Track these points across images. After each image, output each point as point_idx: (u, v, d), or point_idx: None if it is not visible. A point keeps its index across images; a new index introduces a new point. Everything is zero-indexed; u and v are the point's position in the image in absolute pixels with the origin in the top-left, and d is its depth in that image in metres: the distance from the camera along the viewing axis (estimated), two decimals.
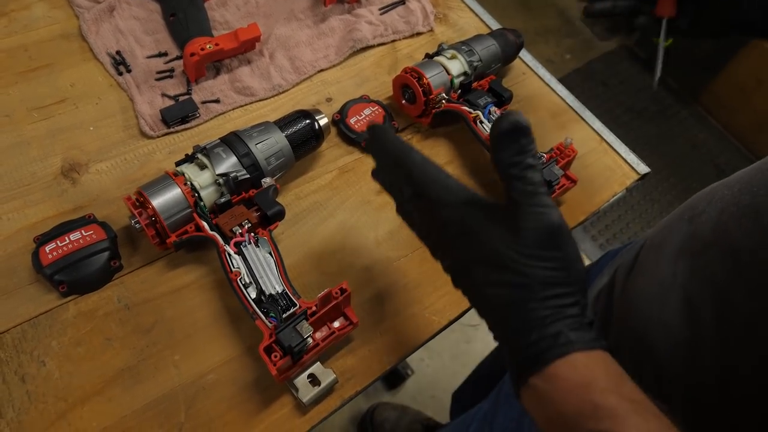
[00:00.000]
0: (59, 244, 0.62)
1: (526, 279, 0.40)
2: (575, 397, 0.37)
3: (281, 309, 0.57)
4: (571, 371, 0.38)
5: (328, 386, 0.58)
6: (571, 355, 0.38)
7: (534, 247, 0.41)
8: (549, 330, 0.39)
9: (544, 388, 0.39)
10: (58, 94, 0.76)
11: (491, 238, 0.42)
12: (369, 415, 1.48)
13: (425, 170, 0.47)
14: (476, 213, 0.44)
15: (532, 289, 0.40)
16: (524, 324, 0.40)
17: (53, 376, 0.57)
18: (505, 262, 0.41)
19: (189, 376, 0.59)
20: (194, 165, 0.65)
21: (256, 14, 0.90)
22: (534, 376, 0.39)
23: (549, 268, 0.41)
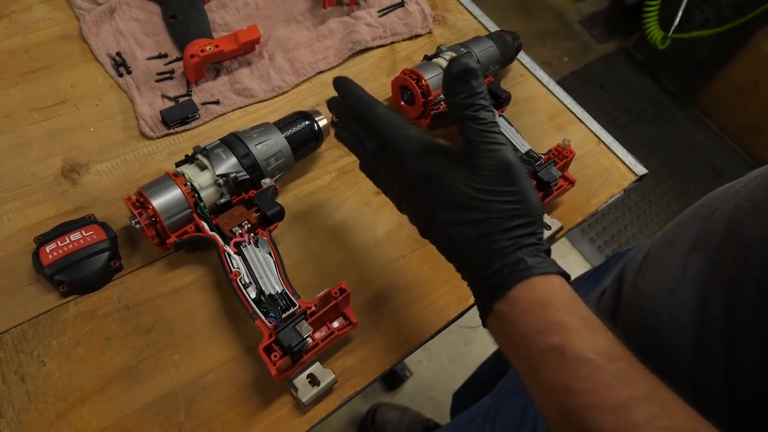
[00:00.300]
0: (59, 245, 0.62)
1: (487, 214, 0.43)
2: (533, 316, 0.40)
3: (281, 309, 0.58)
4: (530, 293, 0.41)
5: (327, 386, 0.58)
6: (530, 279, 0.42)
7: (491, 183, 0.44)
8: (510, 258, 0.42)
9: (506, 311, 0.42)
10: (58, 95, 0.77)
11: (452, 180, 0.45)
12: (371, 416, 1.48)
13: (389, 122, 0.49)
14: (437, 158, 0.47)
15: (492, 222, 0.43)
16: (487, 255, 0.43)
17: (53, 375, 0.57)
18: (466, 201, 0.44)
19: (188, 376, 0.59)
20: (194, 166, 0.65)
21: (255, 16, 0.90)
22: (498, 302, 0.42)
23: (507, 201, 0.44)
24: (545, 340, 0.39)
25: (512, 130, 0.76)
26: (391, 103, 0.85)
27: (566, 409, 0.38)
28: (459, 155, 0.46)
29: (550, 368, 0.39)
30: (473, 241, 0.44)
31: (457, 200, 0.45)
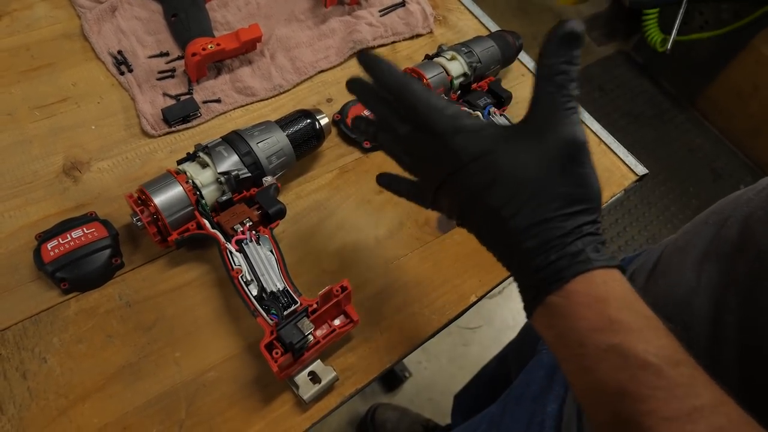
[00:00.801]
0: (61, 242, 0.62)
1: (549, 197, 0.39)
2: (591, 312, 0.37)
3: (282, 306, 0.58)
4: (588, 287, 0.38)
5: (328, 384, 0.58)
6: (590, 273, 0.38)
7: (559, 162, 0.40)
8: (569, 249, 0.38)
9: (561, 305, 0.38)
10: (60, 93, 0.77)
11: (511, 156, 0.41)
12: (370, 416, 1.48)
13: (428, 100, 0.44)
14: (490, 133, 0.42)
15: (554, 207, 0.39)
16: (544, 244, 0.39)
17: (54, 372, 0.57)
18: (527, 180, 0.40)
19: (190, 373, 0.59)
20: (196, 163, 0.65)
21: (257, 15, 0.90)
22: (552, 294, 0.39)
23: (572, 184, 0.40)
24: (603, 338, 0.36)
25: None
26: None
27: (621, 414, 0.35)
28: (520, 129, 0.41)
29: (606, 369, 0.36)
30: (530, 227, 0.39)
31: (516, 179, 0.40)
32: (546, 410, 0.65)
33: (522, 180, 0.40)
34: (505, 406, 0.74)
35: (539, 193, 0.40)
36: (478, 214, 0.43)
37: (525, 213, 0.40)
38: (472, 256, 0.72)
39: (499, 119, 0.77)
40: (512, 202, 0.40)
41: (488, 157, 0.41)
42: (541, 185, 0.40)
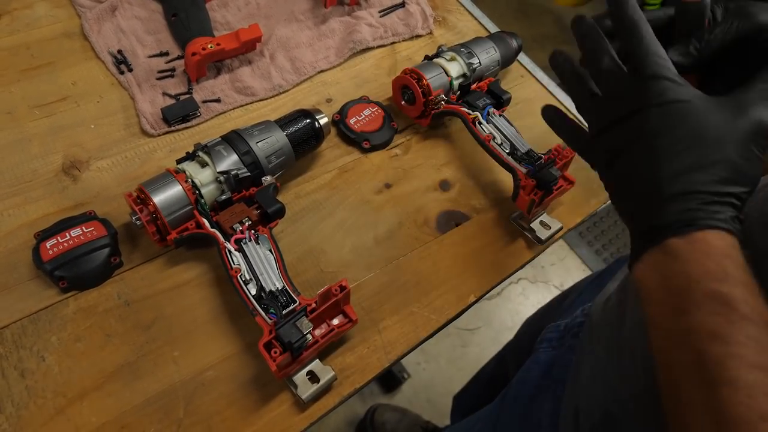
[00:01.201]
0: (60, 240, 0.62)
1: (718, 157, 0.40)
2: (710, 261, 0.38)
3: (281, 305, 0.58)
4: (718, 241, 0.39)
5: (326, 383, 0.58)
6: (723, 232, 0.39)
7: (744, 135, 0.41)
8: (711, 206, 0.39)
9: (682, 249, 0.39)
10: (59, 92, 0.77)
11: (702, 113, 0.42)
12: (369, 416, 1.47)
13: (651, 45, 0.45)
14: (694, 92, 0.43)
15: (717, 169, 0.40)
16: (689, 193, 0.40)
17: (53, 371, 0.57)
18: (708, 135, 0.41)
19: (188, 372, 0.59)
20: (195, 163, 0.65)
21: (257, 15, 0.90)
22: (676, 237, 0.39)
23: (742, 158, 0.41)
24: (713, 285, 0.37)
25: (512, 130, 0.77)
26: (391, 102, 0.85)
27: (706, 354, 0.35)
28: (722, 98, 0.43)
29: (706, 312, 0.36)
30: (683, 174, 0.40)
31: (695, 131, 0.41)
32: (543, 408, 0.65)
33: (699, 136, 0.41)
34: (501, 405, 0.74)
35: (711, 150, 0.41)
36: (635, 155, 0.44)
37: (686, 160, 0.41)
38: (471, 256, 0.72)
39: (498, 119, 0.77)
40: (678, 151, 0.41)
41: (678, 107, 0.42)
42: (719, 146, 0.41)
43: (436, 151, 0.81)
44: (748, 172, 0.41)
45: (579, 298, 0.82)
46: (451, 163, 0.80)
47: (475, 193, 0.78)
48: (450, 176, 0.79)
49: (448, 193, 0.77)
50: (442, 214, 0.75)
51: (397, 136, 0.82)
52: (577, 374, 0.63)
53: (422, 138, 0.82)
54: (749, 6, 0.47)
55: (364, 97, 0.84)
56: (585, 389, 0.60)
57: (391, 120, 0.82)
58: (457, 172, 0.80)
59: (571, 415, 0.60)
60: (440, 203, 0.76)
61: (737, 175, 0.40)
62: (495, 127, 0.76)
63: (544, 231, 0.73)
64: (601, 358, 0.59)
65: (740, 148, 0.41)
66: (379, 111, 0.82)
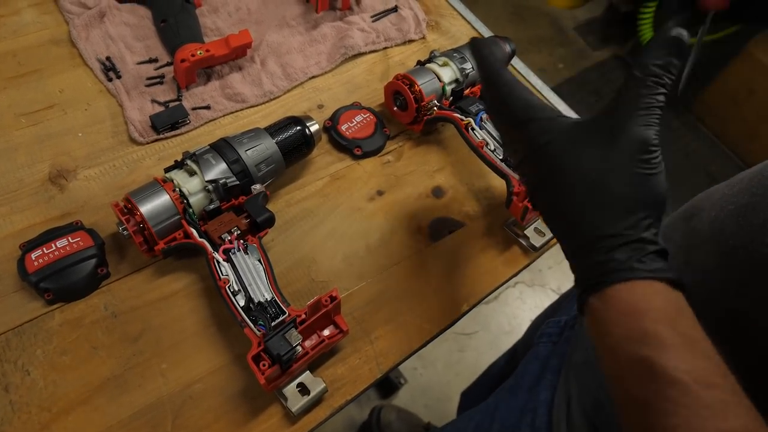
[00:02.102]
0: (45, 251, 0.61)
1: (605, 195, 0.39)
2: (626, 320, 0.37)
3: (270, 317, 0.57)
4: (628, 295, 0.38)
5: (317, 395, 0.57)
6: (632, 282, 0.38)
7: (627, 160, 0.39)
8: (616, 254, 0.38)
9: (600, 309, 0.39)
10: (46, 99, 0.76)
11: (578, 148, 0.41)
12: (375, 416, 1.47)
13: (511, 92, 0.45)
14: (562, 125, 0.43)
15: (609, 207, 0.39)
16: (593, 243, 0.39)
17: (38, 385, 0.56)
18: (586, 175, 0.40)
19: (176, 385, 0.58)
20: (183, 171, 0.64)
21: (247, 21, 0.90)
22: (593, 296, 0.39)
23: (634, 185, 0.39)
24: (635, 349, 0.36)
25: None
26: (383, 108, 0.84)
27: (646, 425, 0.35)
28: (594, 120, 0.42)
29: (634, 379, 0.36)
30: (582, 225, 0.40)
31: (576, 173, 0.40)
32: (539, 398, 0.66)
33: (582, 174, 0.40)
34: (499, 397, 0.74)
35: (598, 189, 0.40)
36: (540, 200, 0.45)
37: (579, 209, 0.40)
38: (464, 264, 0.71)
39: (491, 125, 0.77)
40: (568, 195, 0.41)
41: (552, 147, 0.42)
42: (602, 182, 0.39)
43: (429, 157, 0.81)
44: (646, 196, 0.39)
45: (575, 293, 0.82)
46: (444, 170, 0.79)
47: (469, 200, 0.77)
48: (443, 183, 0.78)
49: (441, 199, 0.76)
50: (435, 222, 0.74)
51: (389, 142, 0.81)
52: (570, 363, 0.63)
53: (415, 144, 0.82)
54: None
55: (356, 103, 0.83)
56: (577, 377, 0.60)
57: (384, 126, 0.81)
58: (451, 179, 0.79)
59: (564, 403, 0.61)
60: (433, 210, 0.75)
61: (633, 204, 0.39)
62: (488, 133, 0.76)
63: (539, 238, 0.72)
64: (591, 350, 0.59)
65: (626, 174, 0.39)
66: (371, 117, 0.81)
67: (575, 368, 0.61)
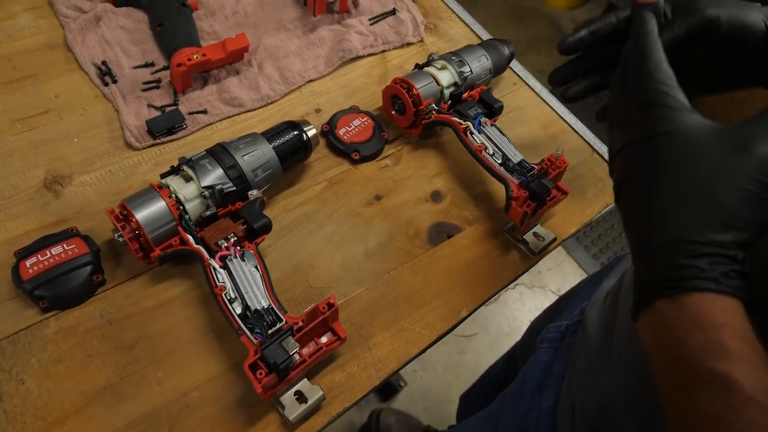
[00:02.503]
0: (40, 259, 0.60)
1: (710, 201, 0.37)
2: (702, 333, 0.35)
3: (267, 325, 0.56)
4: (706, 307, 0.35)
5: (315, 403, 0.57)
6: (711, 294, 0.35)
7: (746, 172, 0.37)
8: (700, 262, 0.36)
9: (671, 315, 0.36)
10: (42, 104, 0.75)
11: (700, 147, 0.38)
12: (374, 419, 1.47)
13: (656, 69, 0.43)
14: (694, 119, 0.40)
15: (709, 214, 0.37)
16: (679, 245, 0.37)
17: (32, 394, 0.55)
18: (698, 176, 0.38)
19: (172, 393, 0.57)
20: (179, 177, 0.64)
21: (244, 24, 0.89)
22: (663, 300, 0.37)
23: (742, 201, 0.37)
24: (709, 362, 0.34)
25: (504, 140, 0.75)
26: (381, 112, 0.84)
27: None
28: (720, 130, 0.39)
29: (705, 393, 0.34)
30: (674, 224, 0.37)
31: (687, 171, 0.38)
32: (542, 406, 0.65)
33: (693, 173, 0.38)
34: (501, 404, 0.74)
35: (704, 192, 0.37)
36: (631, 192, 0.41)
37: (673, 209, 0.38)
38: (463, 269, 0.70)
39: (490, 129, 0.76)
40: (670, 189, 0.38)
41: (673, 137, 0.39)
42: (711, 187, 0.37)
43: (428, 161, 0.80)
44: (749, 216, 0.37)
45: (578, 297, 0.81)
46: (442, 174, 0.79)
47: (467, 205, 0.76)
48: (441, 187, 0.77)
49: (439, 204, 0.76)
50: (434, 226, 0.73)
51: (387, 146, 0.80)
52: (573, 370, 0.62)
53: (413, 148, 0.81)
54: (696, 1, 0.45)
55: (354, 107, 0.83)
56: (580, 385, 0.60)
57: (382, 130, 0.81)
58: (449, 183, 0.78)
59: (567, 411, 0.60)
60: (431, 215, 0.75)
61: (734, 220, 0.37)
62: (487, 137, 0.75)
63: (538, 243, 0.72)
64: (593, 357, 0.58)
65: (739, 188, 0.37)
66: (369, 121, 0.80)
67: (578, 375, 0.60)
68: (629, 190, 0.42)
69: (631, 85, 0.43)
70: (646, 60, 0.43)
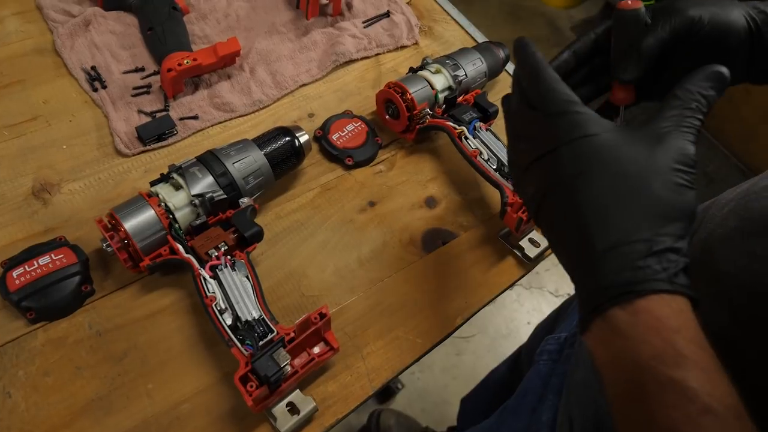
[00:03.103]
0: (27, 269, 0.59)
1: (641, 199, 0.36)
2: (658, 338, 0.33)
3: (258, 336, 0.55)
4: (662, 310, 0.34)
5: (307, 415, 0.56)
6: (667, 295, 0.34)
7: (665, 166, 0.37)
8: (650, 262, 0.35)
9: (625, 322, 0.34)
10: (30, 111, 0.74)
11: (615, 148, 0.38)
12: (374, 420, 1.46)
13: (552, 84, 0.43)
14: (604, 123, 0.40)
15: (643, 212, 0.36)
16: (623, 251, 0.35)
17: (19, 408, 0.54)
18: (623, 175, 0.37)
19: (162, 405, 0.56)
20: (169, 185, 0.63)
21: (236, 28, 0.88)
22: (617, 307, 0.35)
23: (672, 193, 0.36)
24: (666, 370, 0.32)
25: (500, 145, 0.74)
26: (375, 116, 0.83)
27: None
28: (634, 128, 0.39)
29: (661, 404, 0.32)
30: (611, 228, 0.36)
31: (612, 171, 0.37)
32: (541, 419, 0.64)
33: (622, 172, 0.37)
34: (501, 417, 0.73)
35: (637, 189, 0.37)
36: (557, 202, 0.40)
37: (610, 210, 0.37)
38: (458, 276, 0.69)
39: (485, 134, 0.75)
40: (599, 194, 0.37)
41: (589, 141, 0.39)
42: (642, 183, 0.37)
43: (422, 166, 0.79)
44: (682, 205, 0.37)
45: (575, 308, 0.81)
46: (437, 179, 0.78)
47: (462, 210, 0.75)
48: (436, 193, 0.76)
49: (434, 210, 0.75)
50: (428, 233, 0.73)
51: (381, 151, 0.79)
52: (571, 384, 0.62)
53: (407, 153, 0.80)
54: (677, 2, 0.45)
55: (348, 111, 0.82)
56: (577, 398, 0.59)
57: (375, 135, 0.80)
58: (444, 188, 0.77)
59: (566, 425, 0.59)
60: (426, 221, 0.74)
61: (670, 210, 0.36)
62: (482, 141, 0.74)
63: (533, 249, 0.71)
64: (590, 369, 0.57)
65: (666, 181, 0.37)
66: (362, 126, 0.79)
67: (575, 389, 0.60)
68: (556, 199, 0.40)
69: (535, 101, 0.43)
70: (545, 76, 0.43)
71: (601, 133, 0.39)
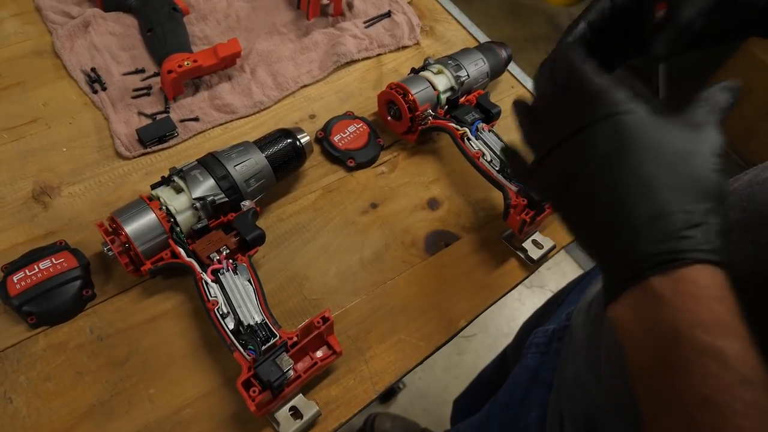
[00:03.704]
0: (28, 274, 0.59)
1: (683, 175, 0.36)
2: (699, 307, 0.33)
3: (260, 340, 0.55)
4: (705, 279, 0.33)
5: (310, 419, 0.56)
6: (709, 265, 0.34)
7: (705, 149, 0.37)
8: (692, 233, 0.34)
9: (665, 291, 0.34)
10: (29, 113, 0.74)
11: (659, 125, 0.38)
12: (369, 425, 1.46)
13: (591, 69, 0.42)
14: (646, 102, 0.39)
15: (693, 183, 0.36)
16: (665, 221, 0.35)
17: (20, 413, 0.54)
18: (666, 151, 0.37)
19: (165, 410, 0.56)
20: (170, 188, 0.62)
21: (237, 28, 0.87)
22: (660, 275, 0.34)
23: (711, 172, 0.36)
24: (705, 338, 0.32)
25: (503, 146, 0.74)
26: (377, 117, 0.82)
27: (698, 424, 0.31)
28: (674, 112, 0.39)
29: (696, 372, 0.31)
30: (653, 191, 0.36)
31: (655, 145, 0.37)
32: (530, 414, 0.64)
33: (661, 149, 0.37)
34: (490, 412, 0.73)
35: (677, 167, 0.36)
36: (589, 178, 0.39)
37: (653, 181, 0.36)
38: (461, 278, 0.69)
39: (488, 135, 0.75)
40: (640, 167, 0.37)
41: (631, 117, 0.38)
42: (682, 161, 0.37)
43: (424, 167, 0.79)
44: (721, 186, 0.37)
45: (566, 301, 0.81)
46: (439, 180, 0.78)
47: (465, 212, 0.75)
48: (439, 194, 0.76)
49: (436, 212, 0.74)
50: (431, 235, 0.72)
51: (383, 152, 0.79)
52: (561, 379, 0.62)
53: (409, 154, 0.80)
54: None
55: (349, 112, 0.81)
56: (568, 395, 0.59)
57: (377, 136, 0.79)
58: (446, 190, 0.77)
59: (556, 419, 0.59)
60: (428, 223, 0.73)
61: (711, 188, 0.36)
62: (484, 143, 0.74)
63: (537, 250, 0.71)
64: (581, 365, 0.57)
65: (706, 162, 0.37)
66: (364, 127, 0.79)
67: (566, 384, 0.59)
68: (587, 176, 0.39)
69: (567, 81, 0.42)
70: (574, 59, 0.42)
71: (645, 110, 0.38)
